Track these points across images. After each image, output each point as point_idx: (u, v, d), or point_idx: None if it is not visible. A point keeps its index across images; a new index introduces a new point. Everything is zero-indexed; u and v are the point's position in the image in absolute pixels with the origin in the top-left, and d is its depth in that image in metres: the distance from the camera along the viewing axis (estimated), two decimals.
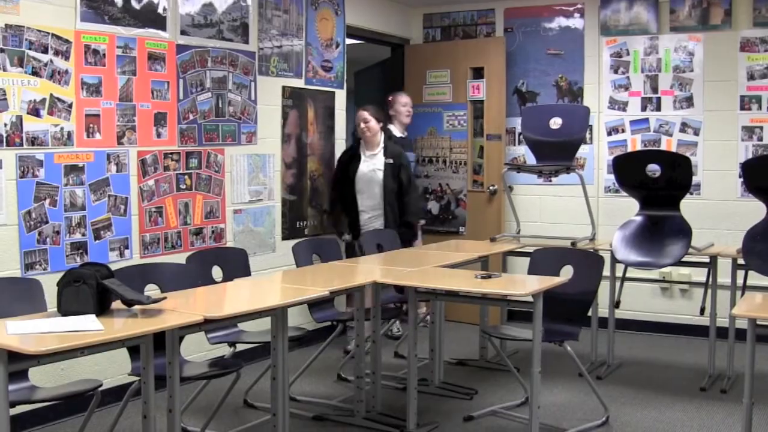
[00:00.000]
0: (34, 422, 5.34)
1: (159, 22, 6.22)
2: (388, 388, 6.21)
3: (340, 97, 8.22)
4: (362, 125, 7.62)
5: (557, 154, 7.14)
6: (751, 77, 7.84)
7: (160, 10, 6.22)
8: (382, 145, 7.64)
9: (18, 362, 3.51)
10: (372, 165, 7.62)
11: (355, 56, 9.03)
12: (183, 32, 6.42)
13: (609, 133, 8.46)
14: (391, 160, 7.55)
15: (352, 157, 7.77)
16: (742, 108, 7.89)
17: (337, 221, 7.94)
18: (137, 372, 4.31)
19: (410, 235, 7.70)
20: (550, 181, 8.32)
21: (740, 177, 7.51)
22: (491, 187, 8.73)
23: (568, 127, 7.25)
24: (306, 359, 6.32)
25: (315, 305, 6.07)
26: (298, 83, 7.62)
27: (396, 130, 8.36)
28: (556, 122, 7.29)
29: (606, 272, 6.19)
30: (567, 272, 5.79)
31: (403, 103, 8.47)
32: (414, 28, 9.40)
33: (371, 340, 5.84)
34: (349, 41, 8.38)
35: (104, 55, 5.82)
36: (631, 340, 7.81)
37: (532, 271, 5.98)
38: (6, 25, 5.22)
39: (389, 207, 7.59)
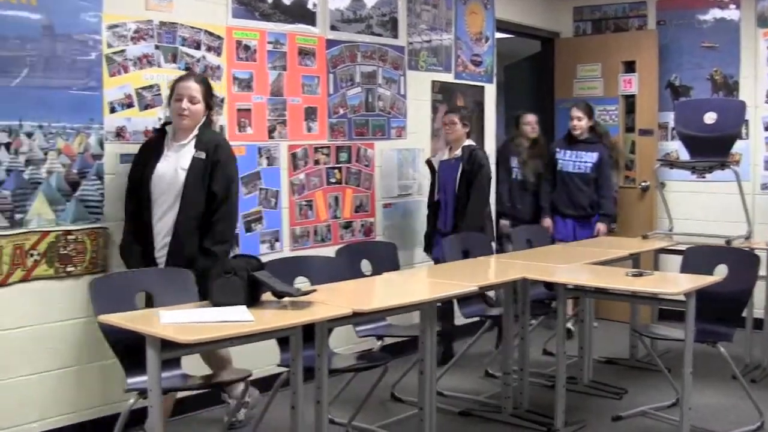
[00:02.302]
0: (185, 410, 5.47)
1: (309, 18, 6.29)
2: (535, 386, 6.15)
3: (490, 92, 8.18)
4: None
5: (711, 150, 6.97)
6: None
7: (310, 6, 6.29)
8: (195, 132, 5.00)
9: (171, 350, 3.60)
10: (174, 162, 4.97)
11: (505, 50, 8.97)
12: (333, 27, 6.48)
13: (766, 129, 8.21)
14: (203, 155, 4.93)
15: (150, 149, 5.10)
16: None
17: (125, 249, 5.07)
18: (286, 363, 4.37)
19: (209, 264, 4.68)
20: (704, 177, 8.10)
21: None
22: (643, 184, 8.57)
23: (723, 122, 7.06)
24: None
25: (463, 300, 6.05)
26: (448, 78, 7.61)
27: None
28: (710, 117, 7.11)
29: (762, 272, 6.00)
30: (721, 271, 5.63)
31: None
32: (564, 21, 9.29)
33: (519, 337, 5.79)
34: (498, 35, 8.33)
35: (255, 50, 5.92)
36: None
37: (684, 269, 5.84)
38: (161, 22, 5.36)
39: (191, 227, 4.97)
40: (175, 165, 4.91)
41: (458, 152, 6.89)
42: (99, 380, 5.02)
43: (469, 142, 6.96)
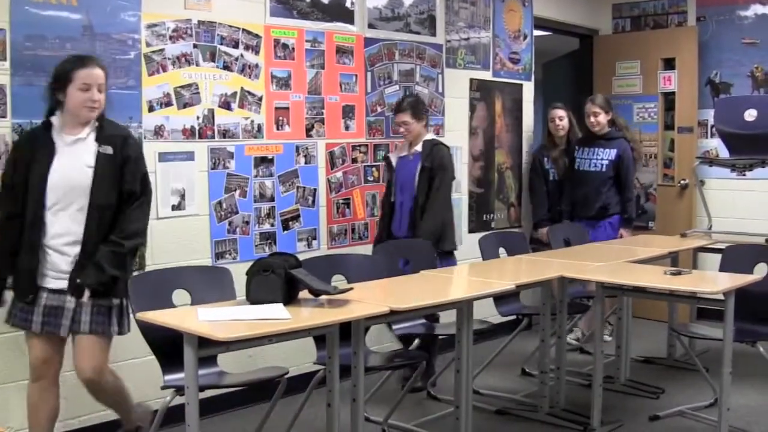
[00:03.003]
0: (222, 407, 5.51)
1: (347, 16, 6.31)
2: (572, 384, 6.14)
3: (528, 90, 8.17)
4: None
5: (752, 148, 6.90)
6: None
7: (347, 4, 6.30)
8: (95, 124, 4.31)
9: (208, 348, 3.62)
10: (75, 160, 4.25)
11: (543, 48, 8.94)
12: (370, 26, 6.50)
13: None
14: (109, 149, 4.26)
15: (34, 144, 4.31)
16: None
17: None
18: (322, 361, 4.38)
19: (106, 255, 4.19)
20: (744, 175, 8.02)
21: None
22: (682, 181, 8.52)
23: (763, 119, 6.99)
24: (491, 353, 6.30)
25: (500, 298, 6.03)
26: (486, 75, 7.60)
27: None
28: (751, 114, 7.05)
29: None
30: (761, 270, 5.59)
31: None
32: (603, 18, 9.24)
33: (557, 335, 5.77)
34: (536, 32, 8.31)
35: (293, 49, 5.94)
36: None
37: (723, 268, 5.80)
38: (199, 21, 5.40)
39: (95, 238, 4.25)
40: (76, 163, 4.19)
41: (418, 147, 6.11)
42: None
43: (430, 135, 6.26)
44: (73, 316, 4.17)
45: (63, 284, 4.17)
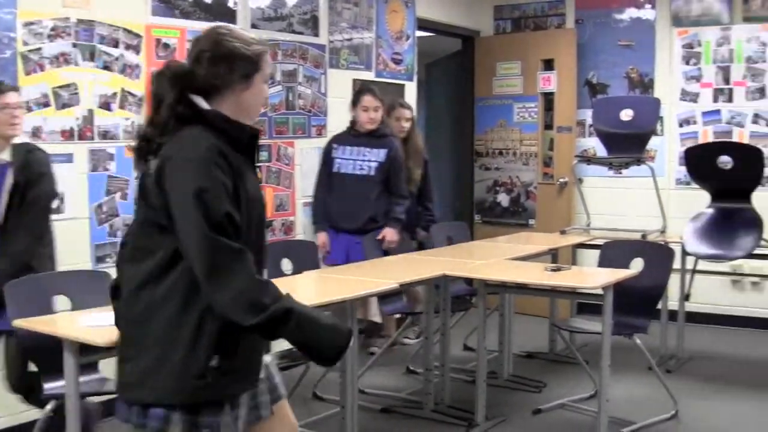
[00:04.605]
0: (105, 414, 5.42)
1: (229, 16, 6.28)
2: (456, 381, 6.21)
3: (411, 90, 8.22)
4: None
5: (628, 146, 7.08)
6: None
7: (230, 4, 6.28)
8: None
9: (89, 354, 3.56)
10: None
11: (426, 48, 9.02)
12: (254, 25, 6.48)
13: (680, 125, 8.37)
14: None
15: None
16: None
17: None
18: None
19: None
20: (621, 173, 8.24)
21: None
22: (561, 180, 8.69)
23: (639, 118, 7.19)
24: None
25: (384, 297, 6.09)
26: (369, 76, 7.64)
27: None
28: (627, 114, 7.23)
29: (676, 265, 6.14)
30: (637, 265, 5.75)
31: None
32: (484, 20, 9.37)
33: (440, 333, 5.84)
34: (419, 33, 8.38)
35: (175, 49, 5.90)
36: (701, 334, 7.71)
37: (602, 263, 5.95)
38: (78, 20, 5.31)
39: None
40: None
41: (5, 154, 4.45)
42: None
43: (23, 139, 4.63)
44: None
45: None
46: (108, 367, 4.33)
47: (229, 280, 2.59)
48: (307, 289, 4.95)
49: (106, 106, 5.48)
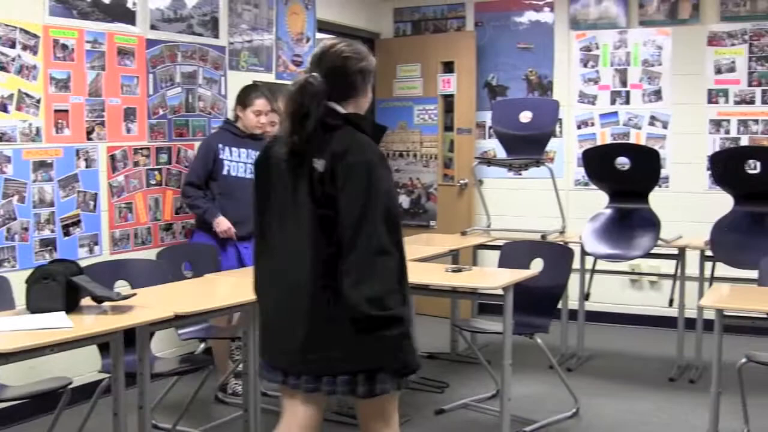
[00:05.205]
0: (3, 422, 5.32)
1: (128, 17, 6.20)
2: None
3: None
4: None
5: (527, 148, 7.15)
6: (718, 71, 7.91)
7: (129, 5, 6.19)
8: None
9: None
10: None
11: None
12: (153, 27, 6.40)
13: (578, 127, 8.51)
14: None
15: None
16: (710, 101, 7.96)
17: None
18: (107, 369, 4.30)
19: None
20: (520, 174, 8.33)
21: (708, 169, 7.53)
22: (462, 181, 8.74)
23: (538, 120, 7.27)
24: None
25: None
26: (269, 78, 7.59)
27: None
28: (526, 116, 7.31)
29: (576, 265, 6.23)
30: (537, 265, 5.83)
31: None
32: (384, 22, 9.40)
33: None
34: (319, 35, 8.36)
35: (73, 50, 5.80)
36: (601, 332, 7.84)
37: (502, 264, 6.01)
38: None
39: None
40: None
41: None
42: None
43: None
44: None
45: None
46: (6, 374, 4.25)
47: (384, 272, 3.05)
48: (210, 292, 4.91)
49: (2, 107, 5.36)
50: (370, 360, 3.15)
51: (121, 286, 4.79)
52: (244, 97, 6.30)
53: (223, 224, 6.06)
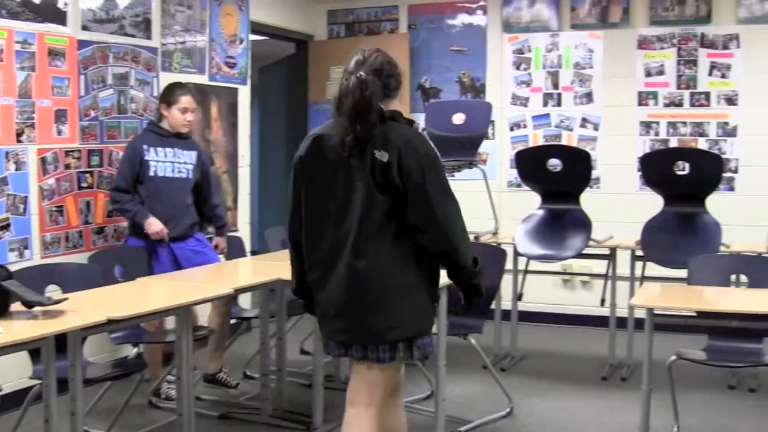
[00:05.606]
0: None
1: (59, 17, 6.12)
2: (294, 385, 6.21)
3: (244, 94, 8.17)
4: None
5: (460, 150, 7.19)
6: (648, 74, 8.03)
7: (60, 5, 6.12)
8: None
9: None
10: None
11: (260, 52, 8.98)
12: (84, 27, 6.33)
13: (511, 129, 8.58)
14: None
15: None
16: (640, 104, 8.08)
17: None
18: (39, 375, 4.25)
19: None
20: (453, 176, 8.32)
21: (639, 171, 7.63)
22: None
23: (470, 122, 7.31)
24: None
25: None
26: (202, 79, 7.55)
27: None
28: (459, 118, 7.35)
29: (509, 265, 6.29)
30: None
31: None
32: (318, 24, 9.39)
33: (277, 337, 5.83)
34: (253, 37, 8.35)
35: (2, 50, 5.71)
36: (534, 332, 7.91)
37: None
38: None
39: None
40: None
41: None
42: None
43: None
44: None
45: None
46: None
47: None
48: (142, 295, 4.88)
49: None
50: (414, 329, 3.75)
51: (53, 291, 4.73)
52: (169, 95, 6.20)
53: (155, 225, 5.93)
